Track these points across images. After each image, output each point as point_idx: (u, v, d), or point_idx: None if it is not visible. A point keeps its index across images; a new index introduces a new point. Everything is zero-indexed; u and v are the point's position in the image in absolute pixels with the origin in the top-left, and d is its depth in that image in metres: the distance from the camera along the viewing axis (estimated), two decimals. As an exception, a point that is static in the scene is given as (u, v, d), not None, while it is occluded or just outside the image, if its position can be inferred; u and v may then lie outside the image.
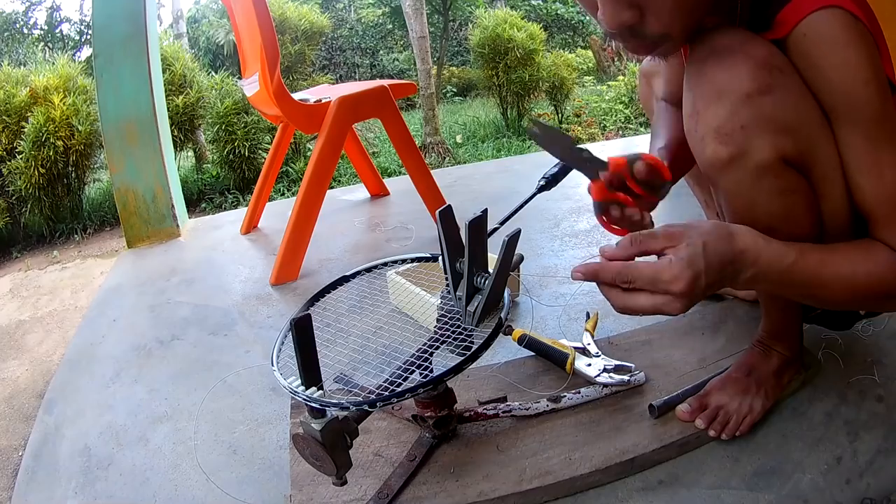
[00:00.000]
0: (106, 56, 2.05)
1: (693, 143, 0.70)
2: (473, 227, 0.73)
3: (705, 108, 0.67)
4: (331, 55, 10.43)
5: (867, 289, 0.68)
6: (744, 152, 0.65)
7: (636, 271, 0.61)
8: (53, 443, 1.08)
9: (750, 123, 0.64)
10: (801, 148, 0.66)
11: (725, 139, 0.66)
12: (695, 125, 0.69)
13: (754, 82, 0.64)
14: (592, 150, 0.75)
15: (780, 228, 0.69)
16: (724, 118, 0.65)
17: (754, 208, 0.70)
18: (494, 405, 0.90)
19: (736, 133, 0.65)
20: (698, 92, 0.68)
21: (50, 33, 9.04)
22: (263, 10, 1.57)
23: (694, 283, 0.60)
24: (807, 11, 0.64)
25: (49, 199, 3.68)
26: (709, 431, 0.84)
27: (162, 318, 1.53)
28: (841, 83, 0.65)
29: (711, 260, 0.61)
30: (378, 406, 0.68)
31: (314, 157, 1.65)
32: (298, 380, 0.70)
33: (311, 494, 0.80)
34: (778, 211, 0.69)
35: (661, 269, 0.61)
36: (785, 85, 0.65)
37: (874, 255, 0.68)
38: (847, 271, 0.67)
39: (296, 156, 4.70)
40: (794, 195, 0.69)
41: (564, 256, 1.57)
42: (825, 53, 0.64)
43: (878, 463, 0.79)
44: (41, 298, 2.31)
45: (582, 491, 0.80)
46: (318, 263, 1.74)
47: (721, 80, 0.65)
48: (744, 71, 0.64)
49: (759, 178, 0.67)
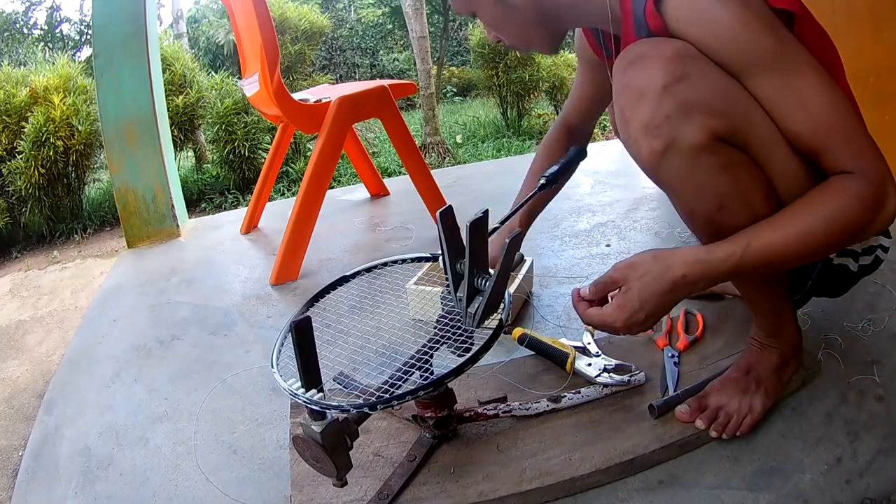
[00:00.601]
0: (106, 56, 2.05)
1: (630, 150, 0.73)
2: (474, 228, 0.73)
3: (631, 113, 0.70)
4: (331, 55, 10.43)
5: (831, 236, 0.68)
6: (675, 139, 0.68)
7: (589, 318, 0.78)
8: (53, 443, 1.08)
9: (673, 111, 0.67)
10: (732, 122, 0.68)
11: (654, 132, 0.68)
12: (626, 132, 0.72)
13: (668, 74, 0.67)
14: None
15: (732, 205, 0.71)
16: (649, 114, 0.68)
17: (701, 191, 0.71)
18: (494, 405, 0.90)
19: (663, 124, 0.67)
20: (624, 102, 0.71)
21: (50, 33, 9.04)
22: (263, 10, 1.57)
23: (630, 319, 0.74)
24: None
25: (49, 199, 3.68)
26: (710, 432, 0.84)
27: (162, 318, 1.53)
28: (725, 40, 0.67)
29: (645, 297, 0.72)
30: (378, 409, 0.68)
31: (314, 157, 1.65)
32: (298, 382, 0.70)
33: (311, 495, 0.80)
34: (726, 188, 0.70)
35: (605, 315, 0.76)
36: (700, 69, 0.68)
37: (828, 197, 0.68)
38: (802, 232, 0.68)
39: (296, 156, 4.70)
40: (736, 168, 0.70)
41: (564, 256, 1.57)
42: (699, 23, 0.67)
43: (878, 463, 0.79)
44: (41, 298, 2.31)
45: (582, 491, 0.80)
46: (318, 263, 1.74)
47: (639, 82, 0.69)
48: (657, 67, 0.67)
49: (696, 160, 0.68)
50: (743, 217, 0.71)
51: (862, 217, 0.67)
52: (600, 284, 0.78)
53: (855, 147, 0.68)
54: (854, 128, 0.68)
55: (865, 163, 0.67)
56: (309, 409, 0.68)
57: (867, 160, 0.67)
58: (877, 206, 0.67)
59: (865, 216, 0.67)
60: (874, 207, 0.67)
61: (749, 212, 0.71)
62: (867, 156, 0.68)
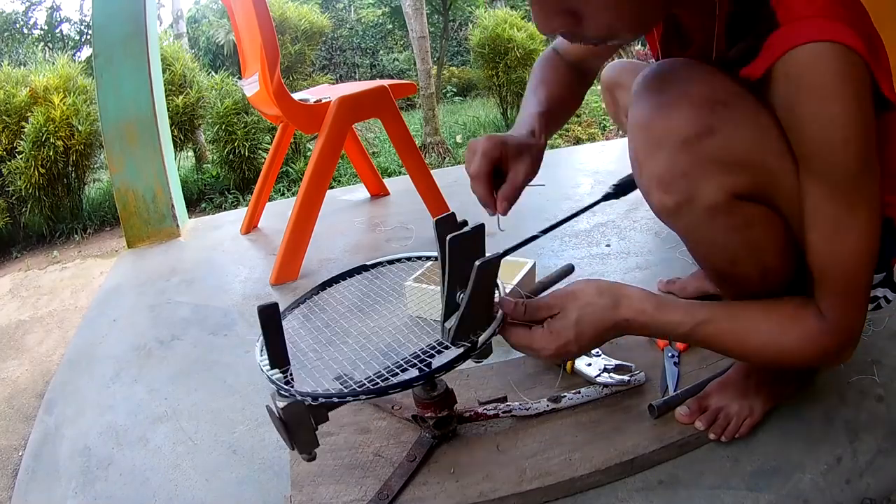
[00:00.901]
0: (106, 56, 2.05)
1: (641, 190, 0.70)
2: (454, 242, 0.70)
3: (645, 159, 0.65)
4: (331, 55, 10.43)
5: (776, 360, 0.71)
6: (690, 198, 0.63)
7: (516, 339, 0.74)
8: (53, 443, 1.08)
9: (692, 170, 0.62)
10: (758, 179, 0.63)
11: (669, 188, 0.64)
12: (638, 175, 0.68)
13: (692, 126, 0.60)
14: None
15: (745, 261, 0.69)
16: (665, 167, 0.63)
17: (713, 246, 0.70)
18: (494, 405, 0.90)
19: (678, 181, 0.63)
20: (639, 142, 0.66)
21: (50, 33, 9.03)
22: (263, 10, 1.57)
23: (560, 349, 0.71)
24: (795, 43, 0.56)
25: (49, 199, 3.68)
26: (709, 434, 0.84)
27: (162, 318, 1.53)
28: (818, 138, 0.59)
29: (583, 330, 0.70)
30: (321, 401, 0.69)
31: (314, 157, 1.65)
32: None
33: (311, 494, 0.80)
34: (739, 245, 0.68)
35: (533, 338, 0.73)
36: (732, 120, 0.61)
37: (794, 330, 0.68)
38: (754, 343, 0.69)
39: (296, 156, 4.70)
40: (753, 228, 0.66)
41: (564, 256, 1.57)
42: (801, 98, 0.58)
43: (878, 463, 0.79)
44: (41, 298, 2.31)
45: (582, 491, 0.80)
46: (318, 263, 1.74)
47: (658, 128, 0.63)
48: (681, 114, 0.61)
49: (711, 218, 0.65)
50: (754, 272, 0.70)
51: (811, 362, 0.71)
52: (533, 306, 0.74)
53: (847, 303, 0.66)
54: (860, 286, 0.65)
55: (844, 322, 0.66)
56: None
57: (847, 321, 0.66)
58: (828, 359, 0.70)
59: (814, 362, 0.72)
60: (826, 359, 0.70)
61: (761, 267, 0.69)
62: (849, 318, 0.66)
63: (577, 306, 0.71)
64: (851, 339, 0.68)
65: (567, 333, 0.71)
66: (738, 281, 0.72)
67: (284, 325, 0.75)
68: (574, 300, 0.72)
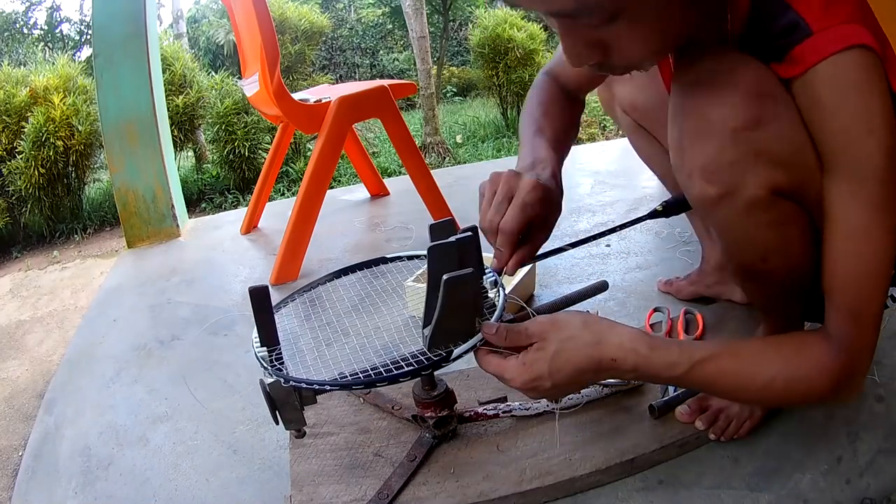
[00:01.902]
0: (106, 56, 2.05)
1: (680, 180, 0.68)
2: (433, 253, 0.70)
3: (691, 145, 0.64)
4: (331, 55, 10.43)
5: (785, 398, 0.67)
6: (733, 190, 0.63)
7: (486, 364, 0.71)
8: (53, 443, 1.08)
9: (738, 160, 0.61)
10: (796, 178, 0.63)
11: (713, 177, 0.63)
12: (681, 162, 0.66)
13: (741, 116, 0.60)
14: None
15: (775, 258, 0.68)
16: (711, 156, 0.62)
17: (747, 240, 0.69)
18: (494, 405, 0.90)
19: (723, 171, 0.62)
20: (686, 128, 0.64)
21: (50, 33, 9.04)
22: (263, 10, 1.57)
23: (532, 383, 0.67)
24: (830, 51, 0.57)
25: (49, 199, 3.68)
26: (709, 434, 0.84)
27: (162, 318, 1.53)
28: (844, 133, 0.59)
29: (560, 366, 0.66)
30: (303, 386, 0.70)
31: (314, 157, 1.65)
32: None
33: (311, 494, 0.80)
34: (772, 242, 0.67)
35: (505, 367, 0.68)
36: (777, 114, 0.61)
37: (802, 362, 0.65)
38: (760, 380, 0.65)
39: (296, 156, 4.70)
40: (788, 226, 0.66)
41: (564, 257, 1.57)
42: (835, 101, 0.58)
43: (878, 463, 0.79)
44: (41, 298, 2.31)
45: (582, 491, 0.80)
46: (318, 263, 1.74)
47: (706, 115, 0.62)
48: (731, 103, 0.60)
49: (749, 212, 0.64)
50: (783, 270, 0.69)
51: (823, 395, 0.65)
52: (512, 333, 0.69)
53: (860, 322, 0.63)
54: (873, 304, 0.63)
55: (856, 344, 0.63)
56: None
57: (859, 343, 0.63)
58: (840, 390, 0.65)
59: (826, 395, 0.65)
60: (838, 390, 0.65)
61: (789, 266, 0.69)
62: (862, 338, 0.63)
63: (558, 339, 0.66)
64: (863, 364, 0.65)
65: (540, 367, 0.66)
66: (765, 278, 0.72)
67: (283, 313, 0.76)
68: (556, 331, 0.67)
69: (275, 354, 0.76)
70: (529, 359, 0.67)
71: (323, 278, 0.92)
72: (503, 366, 0.69)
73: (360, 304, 1.04)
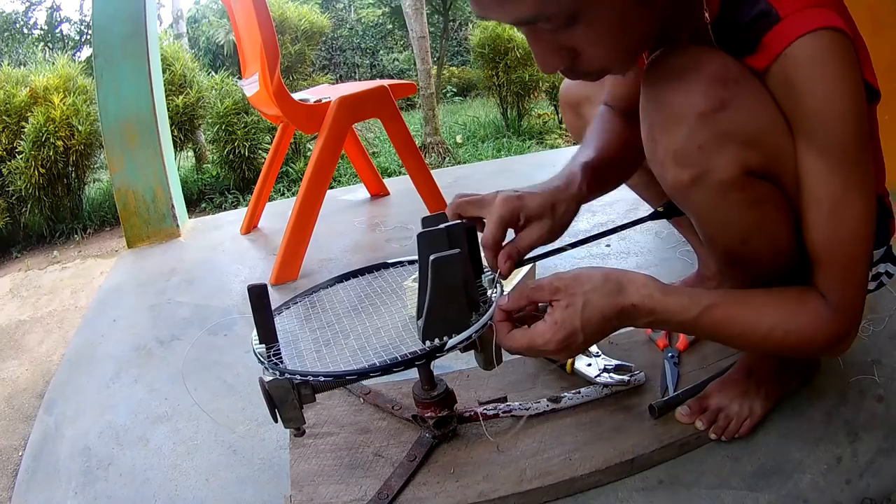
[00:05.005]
0: (106, 56, 2.05)
1: (655, 170, 0.69)
2: (422, 239, 0.70)
3: (661, 134, 0.65)
4: (331, 55, 10.43)
5: (781, 346, 0.69)
6: (704, 172, 0.64)
7: (510, 342, 0.69)
8: (53, 443, 1.08)
9: (707, 142, 0.62)
10: (767, 158, 0.64)
11: (684, 161, 0.64)
12: (654, 153, 0.67)
13: (708, 100, 0.61)
14: None
15: (757, 240, 0.69)
16: (681, 141, 0.63)
17: (725, 223, 0.70)
18: (494, 405, 0.90)
19: (694, 154, 0.63)
20: (655, 119, 0.66)
21: (50, 33, 9.04)
22: (263, 10, 1.57)
23: (566, 341, 0.66)
24: (796, 34, 0.59)
25: (49, 199, 3.68)
26: (709, 434, 0.84)
27: (162, 318, 1.53)
28: (818, 109, 0.61)
29: (590, 316, 0.66)
30: (298, 379, 0.71)
31: (314, 157, 1.65)
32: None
33: (311, 494, 0.80)
34: (750, 223, 0.68)
35: (534, 336, 0.67)
36: (742, 96, 0.62)
37: (801, 316, 0.67)
38: (762, 328, 0.68)
39: (296, 156, 4.70)
40: (764, 205, 0.67)
41: (564, 256, 1.55)
42: (808, 78, 0.60)
43: (878, 463, 0.79)
44: (41, 298, 2.31)
45: (582, 491, 0.80)
46: (318, 263, 1.74)
47: (674, 103, 0.63)
48: (696, 89, 0.62)
49: (724, 194, 0.65)
50: (765, 251, 0.70)
51: (817, 349, 0.70)
52: (536, 289, 0.69)
53: (849, 282, 0.67)
54: (860, 263, 0.66)
55: (847, 302, 0.67)
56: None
57: (850, 301, 0.67)
58: (833, 346, 0.69)
59: (820, 349, 0.70)
60: (831, 345, 0.69)
61: (771, 247, 0.70)
62: (852, 297, 0.67)
63: (583, 291, 0.66)
64: (854, 321, 0.68)
65: (573, 322, 0.65)
66: (748, 262, 0.72)
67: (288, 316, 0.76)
68: (579, 285, 0.67)
69: (273, 351, 0.76)
70: (559, 317, 0.66)
71: (324, 283, 0.92)
72: (532, 334, 0.67)
73: (360, 305, 1.04)
